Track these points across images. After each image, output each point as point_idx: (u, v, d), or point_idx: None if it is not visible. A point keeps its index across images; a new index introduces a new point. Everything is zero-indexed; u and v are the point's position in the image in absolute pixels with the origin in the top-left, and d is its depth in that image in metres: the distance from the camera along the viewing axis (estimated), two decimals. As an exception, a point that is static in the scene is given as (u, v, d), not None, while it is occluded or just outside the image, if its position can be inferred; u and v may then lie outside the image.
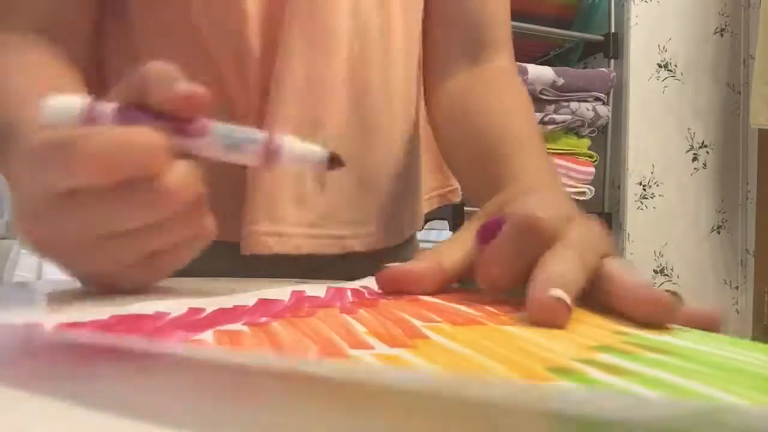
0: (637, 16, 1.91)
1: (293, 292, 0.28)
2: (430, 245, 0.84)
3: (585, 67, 2.01)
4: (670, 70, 1.95)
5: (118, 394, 0.15)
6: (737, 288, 2.01)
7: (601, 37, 1.91)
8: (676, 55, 1.95)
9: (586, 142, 1.83)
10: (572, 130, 1.79)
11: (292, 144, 0.28)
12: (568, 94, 1.74)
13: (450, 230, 1.60)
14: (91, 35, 0.51)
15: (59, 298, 0.30)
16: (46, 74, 0.43)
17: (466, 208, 1.61)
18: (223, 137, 0.27)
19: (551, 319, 0.21)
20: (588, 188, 1.79)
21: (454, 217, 1.58)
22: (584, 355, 0.16)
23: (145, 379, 0.16)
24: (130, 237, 0.27)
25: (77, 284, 0.32)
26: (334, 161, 0.28)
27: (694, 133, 1.97)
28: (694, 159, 1.97)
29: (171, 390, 0.16)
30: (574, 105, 1.76)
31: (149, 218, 0.26)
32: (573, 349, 0.17)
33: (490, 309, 0.24)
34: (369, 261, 0.54)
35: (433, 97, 0.55)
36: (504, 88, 0.52)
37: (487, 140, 0.48)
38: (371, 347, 0.16)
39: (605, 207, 1.89)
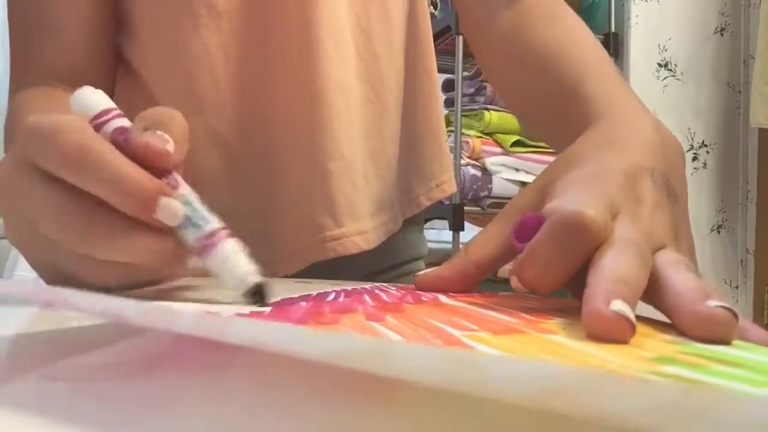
0: (637, 16, 1.91)
1: (308, 296, 0.27)
2: (429, 245, 0.84)
3: (585, 67, 2.01)
4: (670, 70, 1.94)
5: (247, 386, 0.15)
6: (737, 288, 2.00)
7: (601, 37, 1.90)
8: (676, 54, 1.95)
9: (586, 141, 1.83)
10: (572, 129, 1.79)
11: (228, 251, 0.25)
12: (568, 93, 1.74)
13: (450, 230, 1.60)
14: (110, 90, 0.52)
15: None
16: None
17: (466, 208, 1.61)
18: (183, 206, 0.25)
19: (612, 335, 0.18)
20: (588, 188, 1.79)
21: (454, 216, 1.58)
22: (649, 368, 0.14)
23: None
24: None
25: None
26: (257, 294, 0.25)
27: (695, 133, 1.97)
28: (695, 159, 1.97)
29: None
30: (574, 105, 1.76)
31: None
32: (634, 361, 0.15)
33: (524, 315, 0.22)
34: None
35: (483, 46, 0.54)
36: (549, 17, 0.50)
37: (546, 78, 0.46)
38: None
39: (605, 207, 1.88)
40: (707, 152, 1.98)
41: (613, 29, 1.88)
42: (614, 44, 1.88)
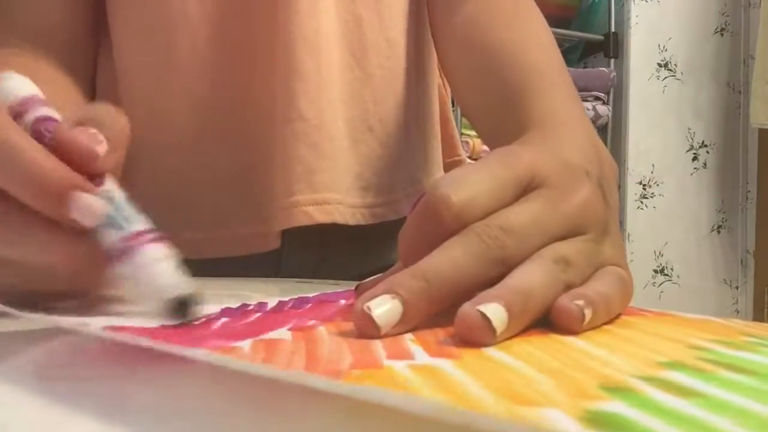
0: (637, 16, 1.91)
1: (348, 292, 0.28)
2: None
3: (585, 67, 2.01)
4: (670, 70, 1.94)
5: (151, 395, 0.15)
6: (737, 288, 2.00)
7: (601, 37, 1.91)
8: (676, 54, 1.95)
9: (586, 141, 1.83)
10: (572, 129, 1.80)
11: (149, 256, 0.22)
12: (568, 93, 1.74)
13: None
14: (87, 48, 0.50)
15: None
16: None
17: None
18: (106, 205, 0.23)
19: (468, 336, 0.18)
20: (588, 188, 1.79)
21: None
22: (648, 372, 0.15)
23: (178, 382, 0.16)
24: None
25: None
26: (183, 307, 0.21)
27: (694, 133, 1.97)
28: (694, 159, 1.97)
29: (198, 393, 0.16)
30: (574, 105, 1.76)
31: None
32: (637, 365, 0.16)
33: None
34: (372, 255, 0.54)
35: (440, 32, 0.52)
36: (509, 16, 0.48)
37: (492, 80, 0.44)
38: (411, 357, 0.16)
39: (605, 207, 1.88)
40: (707, 152, 1.98)
41: (613, 29, 1.88)
42: (614, 44, 1.88)
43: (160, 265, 0.22)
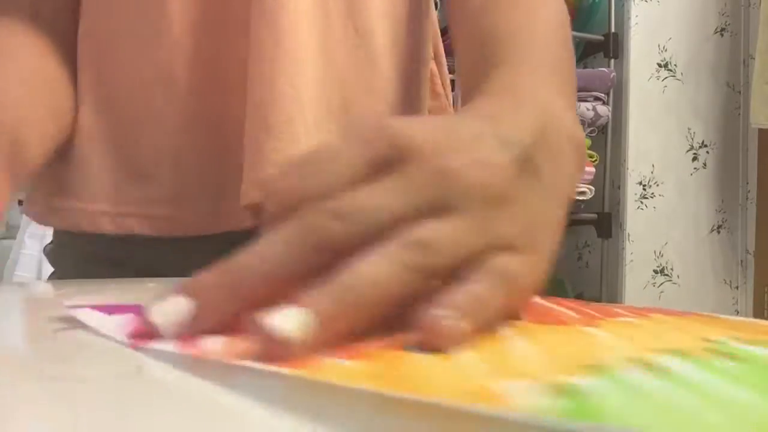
0: (637, 16, 1.90)
1: None
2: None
3: (585, 67, 2.01)
4: (670, 70, 1.94)
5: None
6: (737, 288, 2.00)
7: (601, 37, 1.91)
8: (676, 54, 1.95)
9: (586, 141, 1.83)
10: (572, 129, 1.79)
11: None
12: (568, 93, 1.74)
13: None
14: (70, 21, 0.50)
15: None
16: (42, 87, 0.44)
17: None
18: None
19: (266, 351, 0.15)
20: (588, 188, 1.79)
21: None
22: (639, 355, 0.15)
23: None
24: None
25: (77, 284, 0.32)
26: None
27: (694, 133, 1.97)
28: (694, 159, 1.97)
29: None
30: (574, 105, 1.76)
31: None
32: (636, 350, 0.16)
33: (591, 312, 0.23)
34: None
35: (451, 23, 0.51)
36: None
37: (479, 44, 0.42)
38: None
39: (605, 207, 1.88)
40: (707, 152, 1.98)
41: (613, 29, 1.88)
42: (614, 44, 1.88)
43: None
